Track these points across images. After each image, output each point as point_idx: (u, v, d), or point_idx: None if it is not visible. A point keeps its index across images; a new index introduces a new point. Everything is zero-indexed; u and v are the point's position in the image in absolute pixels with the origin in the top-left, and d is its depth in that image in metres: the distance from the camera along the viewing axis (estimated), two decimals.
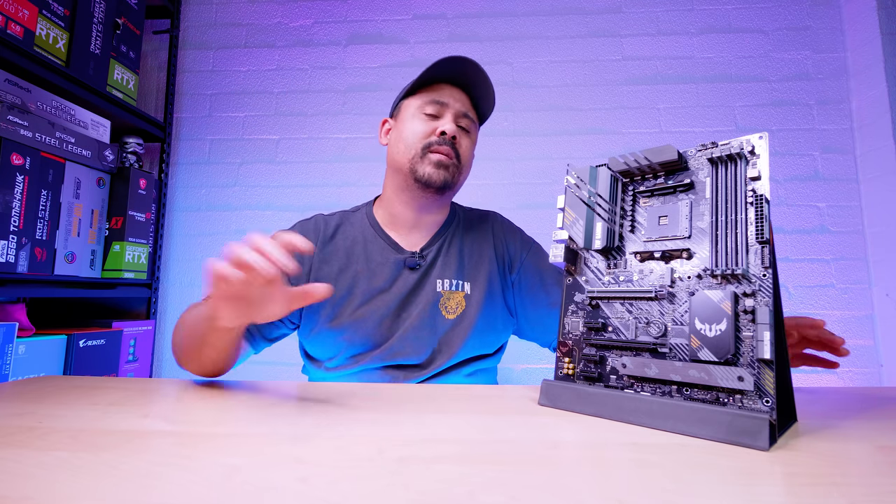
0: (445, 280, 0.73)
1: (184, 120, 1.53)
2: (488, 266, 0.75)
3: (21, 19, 1.01)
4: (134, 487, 0.27)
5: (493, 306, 0.74)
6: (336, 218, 0.78)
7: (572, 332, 0.49)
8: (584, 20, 1.49)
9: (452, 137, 0.70)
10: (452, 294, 0.72)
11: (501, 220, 0.83)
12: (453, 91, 0.73)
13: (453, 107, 0.72)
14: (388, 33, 1.52)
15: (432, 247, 0.75)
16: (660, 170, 0.45)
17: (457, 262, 0.75)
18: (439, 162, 0.70)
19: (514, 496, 0.26)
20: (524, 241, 0.80)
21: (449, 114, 0.72)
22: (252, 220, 1.47)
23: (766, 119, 1.41)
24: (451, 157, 0.70)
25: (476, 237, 0.78)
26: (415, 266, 0.73)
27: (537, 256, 0.78)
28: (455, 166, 0.71)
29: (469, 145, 0.74)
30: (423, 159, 0.70)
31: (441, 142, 0.70)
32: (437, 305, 0.71)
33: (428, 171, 0.69)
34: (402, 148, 0.72)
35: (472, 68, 0.71)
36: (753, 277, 0.38)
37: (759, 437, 0.34)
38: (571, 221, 0.49)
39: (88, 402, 0.48)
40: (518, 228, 0.83)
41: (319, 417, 0.43)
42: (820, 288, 1.34)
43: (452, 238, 0.77)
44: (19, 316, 1.02)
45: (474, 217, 0.82)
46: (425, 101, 0.72)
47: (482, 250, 0.77)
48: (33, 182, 1.03)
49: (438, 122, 0.71)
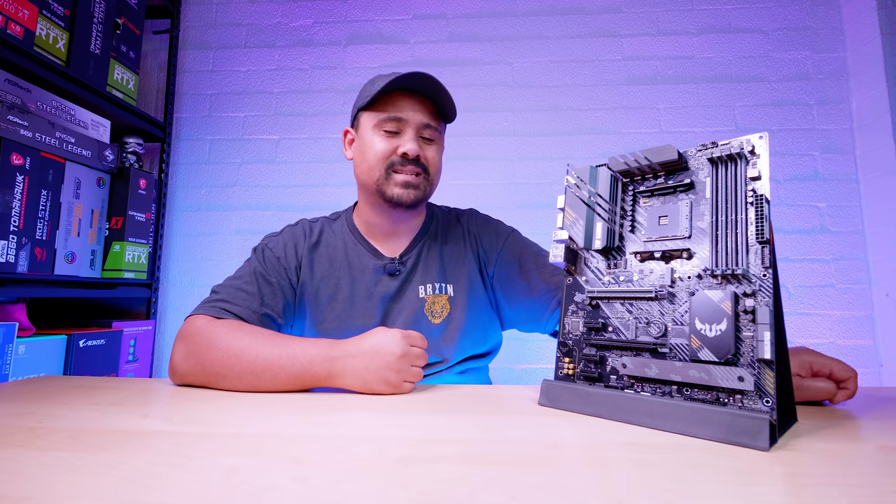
0: (428, 285, 0.73)
1: (184, 120, 1.53)
2: (468, 266, 0.75)
3: (21, 19, 1.01)
4: (133, 487, 0.27)
5: (477, 305, 0.74)
6: (319, 225, 0.78)
7: (572, 332, 0.49)
8: (584, 20, 1.49)
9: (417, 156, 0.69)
10: (437, 298, 0.73)
11: (476, 216, 0.82)
12: (412, 103, 0.69)
13: (413, 120, 0.69)
14: (388, 33, 1.52)
15: (411, 252, 0.75)
16: (660, 170, 0.45)
17: (437, 265, 0.74)
18: (406, 182, 0.69)
19: (514, 496, 0.26)
20: (499, 233, 0.78)
21: (410, 130, 0.69)
22: (252, 220, 1.47)
23: (766, 119, 1.41)
24: (420, 173, 0.69)
25: (454, 238, 0.78)
26: (394, 272, 0.73)
27: (514, 246, 0.77)
28: (424, 180, 0.70)
29: (435, 154, 0.72)
30: (388, 180, 0.69)
31: (405, 162, 0.69)
32: (422, 311, 0.72)
33: (396, 192, 0.69)
34: (366, 168, 0.71)
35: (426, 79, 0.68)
36: (753, 277, 0.38)
37: (760, 437, 0.34)
38: (571, 221, 0.49)
39: (88, 402, 0.48)
40: (494, 221, 0.82)
41: (319, 417, 0.43)
42: (820, 288, 1.34)
43: (432, 242, 0.77)
44: (19, 316, 1.02)
45: (451, 218, 0.81)
46: (383, 117, 0.69)
47: (460, 251, 0.76)
48: (33, 182, 1.03)
49: (399, 140, 0.69)
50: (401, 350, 0.53)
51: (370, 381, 0.52)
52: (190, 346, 0.58)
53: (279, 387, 0.54)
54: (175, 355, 0.58)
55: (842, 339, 1.31)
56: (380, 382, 0.52)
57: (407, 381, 0.53)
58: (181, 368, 0.57)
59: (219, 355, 0.55)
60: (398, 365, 0.52)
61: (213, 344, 0.56)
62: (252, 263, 0.71)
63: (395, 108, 0.69)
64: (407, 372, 0.53)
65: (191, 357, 0.57)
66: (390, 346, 0.53)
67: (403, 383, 0.52)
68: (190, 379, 0.57)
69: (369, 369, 0.52)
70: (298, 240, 0.75)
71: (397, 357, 0.52)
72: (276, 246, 0.73)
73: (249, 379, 0.54)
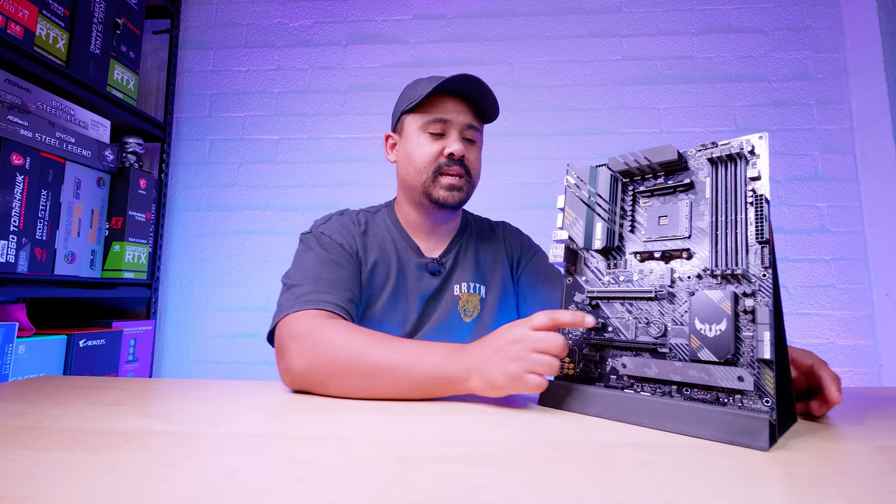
0: (463, 283, 0.76)
1: (184, 120, 1.53)
2: (501, 271, 0.79)
3: (21, 19, 1.01)
4: (133, 487, 0.27)
5: (506, 308, 0.78)
6: (363, 215, 0.79)
7: (572, 333, 0.49)
8: (584, 20, 1.49)
9: (462, 156, 0.70)
10: (470, 297, 0.75)
11: (511, 227, 0.86)
12: (455, 104, 0.71)
13: (457, 121, 0.71)
14: (388, 33, 1.52)
15: (450, 254, 0.77)
16: (660, 170, 0.45)
17: (473, 266, 0.77)
18: (451, 185, 0.70)
19: (513, 496, 0.26)
20: (530, 246, 0.84)
21: (454, 131, 0.71)
22: (252, 219, 1.47)
23: (766, 119, 1.41)
24: (462, 175, 0.71)
25: (489, 244, 0.81)
26: (436, 272, 0.75)
27: (540, 258, 0.81)
28: (467, 182, 0.72)
29: (477, 155, 0.75)
30: (434, 182, 0.70)
31: (450, 163, 0.70)
32: (455, 308, 0.74)
33: (442, 194, 0.70)
34: (413, 171, 0.72)
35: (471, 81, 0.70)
36: (753, 277, 0.38)
37: (760, 437, 0.34)
38: (571, 221, 0.49)
39: (88, 402, 0.48)
40: (526, 235, 0.86)
41: (319, 417, 0.43)
42: (820, 288, 1.34)
43: (467, 245, 0.80)
44: (19, 316, 1.02)
45: (486, 225, 0.85)
46: (428, 119, 0.71)
47: (495, 256, 0.80)
48: (33, 182, 1.03)
49: (445, 142, 0.71)
50: (517, 333, 0.46)
51: (492, 376, 0.46)
52: (302, 344, 0.54)
53: (402, 391, 0.50)
54: (289, 355, 0.54)
55: (842, 339, 1.31)
56: (499, 375, 0.45)
57: (531, 371, 0.44)
58: (296, 367, 0.53)
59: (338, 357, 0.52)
60: (515, 351, 0.45)
61: (332, 344, 0.53)
62: (315, 252, 0.68)
63: (439, 111, 0.71)
64: (528, 360, 0.44)
65: (305, 355, 0.53)
66: (507, 332, 0.47)
67: (526, 374, 0.44)
68: (304, 378, 0.53)
69: (492, 367, 0.46)
70: (351, 226, 0.74)
71: (511, 341, 0.46)
72: (333, 232, 0.72)
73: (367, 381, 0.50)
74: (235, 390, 0.54)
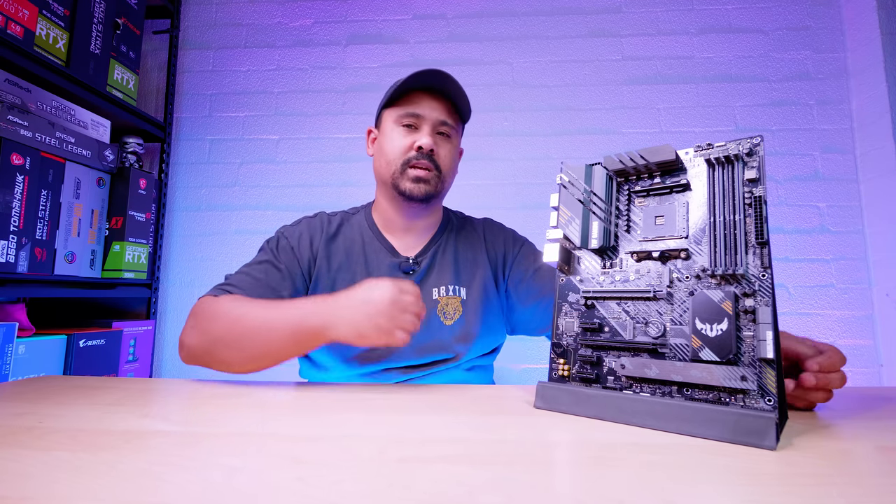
0: (441, 287, 0.75)
1: (184, 120, 1.53)
2: (482, 271, 0.77)
3: (21, 19, 1.01)
4: (133, 487, 0.27)
5: (489, 310, 0.76)
6: (338, 218, 0.80)
7: (567, 333, 0.48)
8: (584, 20, 1.49)
9: (430, 150, 0.71)
10: (450, 299, 0.74)
11: (492, 224, 0.85)
12: (430, 100, 0.73)
13: (430, 117, 0.72)
14: (388, 33, 1.52)
15: (426, 254, 0.77)
16: (656, 170, 0.45)
17: (452, 267, 0.76)
18: (417, 177, 0.71)
19: (513, 496, 0.26)
20: (515, 240, 0.82)
21: (426, 125, 0.72)
22: (252, 219, 1.47)
23: (766, 119, 1.41)
24: (431, 169, 0.72)
25: (470, 243, 0.80)
26: (409, 271, 0.75)
27: (529, 252, 0.80)
28: (436, 177, 0.73)
29: (449, 151, 0.75)
30: (402, 175, 0.72)
31: (419, 156, 0.71)
32: (435, 312, 0.73)
33: (409, 186, 0.71)
34: (384, 163, 0.74)
35: (443, 78, 0.72)
36: (753, 278, 0.38)
37: (767, 437, 0.33)
38: (567, 220, 0.49)
39: (88, 402, 0.48)
40: (509, 229, 0.85)
41: (319, 418, 0.43)
42: (820, 288, 1.34)
43: (446, 245, 0.79)
44: (19, 316, 1.02)
45: (467, 224, 0.84)
46: (401, 113, 0.73)
47: (476, 256, 0.79)
48: (33, 182, 1.03)
49: (416, 135, 0.72)
50: (391, 296, 0.52)
51: (363, 329, 0.52)
52: (194, 320, 0.60)
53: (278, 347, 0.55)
54: (182, 333, 0.61)
55: (842, 339, 1.31)
56: (372, 329, 0.52)
57: (400, 328, 0.52)
58: (187, 342, 0.60)
59: (219, 324, 0.57)
60: (390, 311, 0.52)
61: (215, 315, 0.59)
62: (264, 252, 0.73)
63: (413, 105, 0.72)
64: (399, 319, 0.52)
65: (194, 330, 0.60)
66: (381, 292, 0.53)
67: (396, 330, 0.52)
68: (196, 352, 0.59)
69: (361, 317, 0.52)
70: (315, 232, 0.76)
71: (388, 303, 0.52)
72: (292, 235, 0.75)
73: (248, 343, 0.55)
74: (235, 390, 0.54)
